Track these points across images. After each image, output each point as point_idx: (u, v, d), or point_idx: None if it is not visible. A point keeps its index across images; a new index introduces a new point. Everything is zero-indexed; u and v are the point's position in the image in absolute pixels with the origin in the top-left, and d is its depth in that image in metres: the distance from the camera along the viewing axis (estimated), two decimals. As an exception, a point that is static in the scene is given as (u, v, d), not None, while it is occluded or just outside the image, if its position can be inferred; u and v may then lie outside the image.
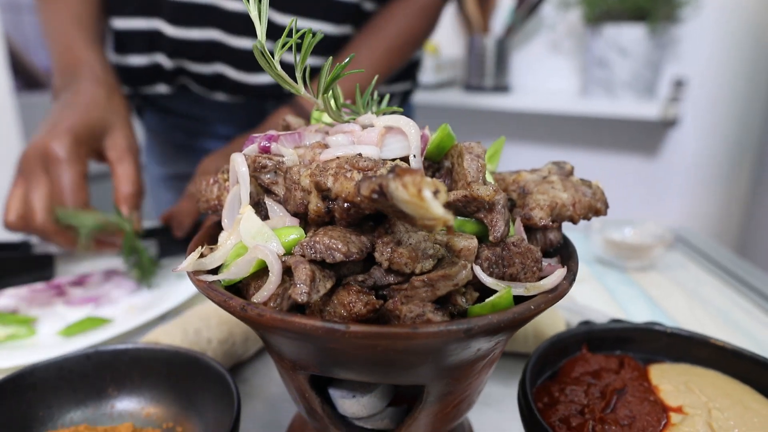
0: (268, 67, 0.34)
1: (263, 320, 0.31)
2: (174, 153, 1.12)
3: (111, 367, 0.49)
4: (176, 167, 1.12)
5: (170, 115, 1.08)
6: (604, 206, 0.42)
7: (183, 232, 0.81)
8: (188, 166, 1.10)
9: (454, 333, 0.30)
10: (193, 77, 0.98)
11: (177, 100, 1.05)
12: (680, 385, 0.46)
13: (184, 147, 1.10)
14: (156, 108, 1.08)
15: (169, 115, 1.08)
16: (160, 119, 1.10)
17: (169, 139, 1.11)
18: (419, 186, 0.26)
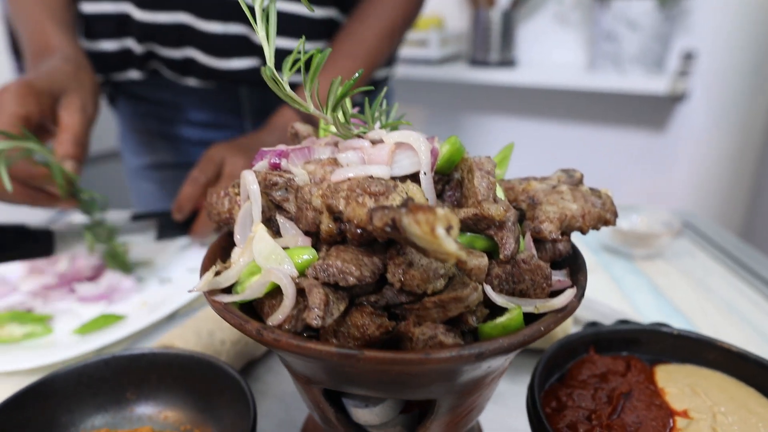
0: (278, 89, 0.34)
1: (279, 345, 0.32)
2: (149, 142, 1.12)
3: (129, 372, 0.50)
4: (152, 156, 1.12)
5: (143, 102, 1.07)
6: (613, 216, 0.42)
7: (183, 216, 0.82)
8: (165, 154, 1.11)
9: (465, 358, 0.31)
10: (164, 62, 0.98)
11: (149, 87, 1.05)
12: (686, 388, 0.46)
13: (159, 134, 1.10)
14: (128, 96, 1.08)
15: (141, 102, 1.08)
16: (133, 107, 1.09)
17: (144, 127, 1.11)
18: (432, 224, 0.26)
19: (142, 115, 1.10)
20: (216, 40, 0.94)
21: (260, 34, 0.33)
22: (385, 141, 0.38)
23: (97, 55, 0.98)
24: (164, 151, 1.12)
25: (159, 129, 1.10)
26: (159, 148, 1.12)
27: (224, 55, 0.96)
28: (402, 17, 0.99)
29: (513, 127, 2.31)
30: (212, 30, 0.93)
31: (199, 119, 1.07)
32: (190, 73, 0.99)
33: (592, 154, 2.19)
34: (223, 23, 0.93)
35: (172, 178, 1.12)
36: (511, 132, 2.31)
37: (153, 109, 1.08)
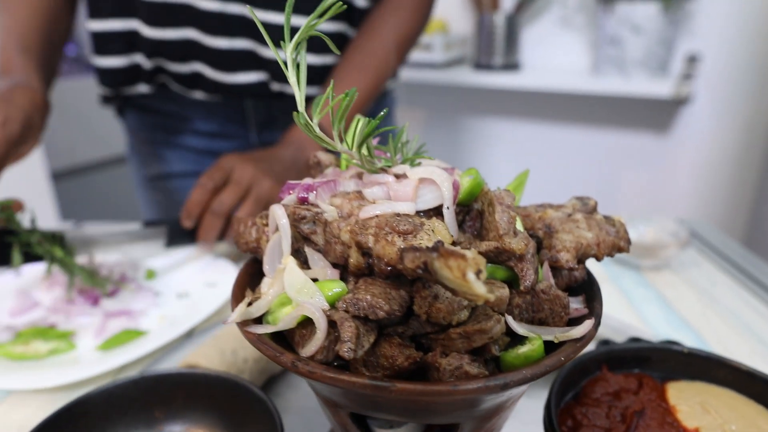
0: (308, 131, 0.36)
1: (314, 377, 0.33)
2: (157, 152, 1.14)
3: (157, 392, 0.52)
4: (160, 167, 1.14)
5: (150, 113, 1.10)
6: (627, 244, 0.44)
7: (191, 222, 0.84)
8: (172, 164, 1.13)
9: (491, 388, 0.33)
10: (172, 76, 1.00)
11: (157, 99, 1.07)
12: (697, 406, 0.48)
13: (166, 145, 1.12)
14: (136, 108, 1.10)
15: (149, 113, 1.10)
16: (140, 118, 1.12)
17: (151, 137, 1.13)
18: (464, 270, 0.28)
19: (149, 126, 1.12)
20: (222, 55, 0.96)
21: (291, 80, 0.34)
22: (409, 176, 0.39)
23: (106, 71, 1.00)
24: (171, 161, 1.13)
25: (166, 139, 1.12)
26: (166, 158, 1.13)
27: (230, 70, 0.98)
28: (410, 30, 1.00)
29: (517, 131, 2.32)
30: (218, 45, 0.95)
31: (206, 129, 1.09)
32: (197, 87, 1.01)
33: (596, 158, 2.20)
34: (229, 38, 0.95)
35: (180, 188, 1.14)
36: (516, 136, 2.33)
37: (160, 120, 1.10)
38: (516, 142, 2.34)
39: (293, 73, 0.34)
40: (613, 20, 1.86)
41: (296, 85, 0.35)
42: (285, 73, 0.34)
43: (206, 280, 0.84)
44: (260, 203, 0.83)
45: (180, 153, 1.12)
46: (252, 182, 0.83)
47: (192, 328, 0.72)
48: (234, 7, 0.93)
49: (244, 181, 0.83)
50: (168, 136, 1.11)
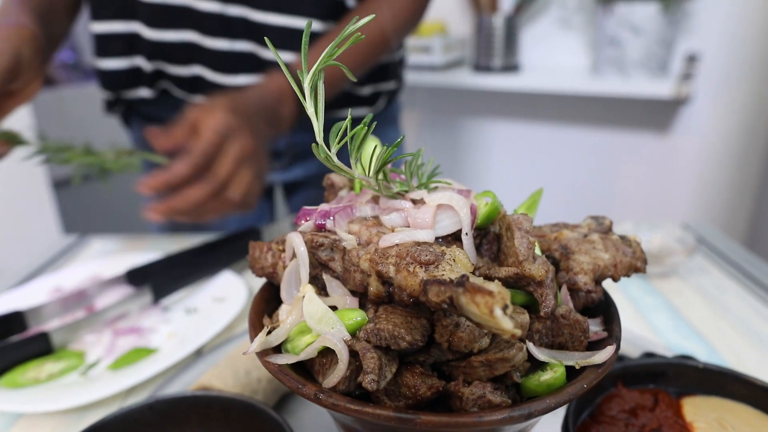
0: (326, 160, 0.36)
1: (338, 409, 0.33)
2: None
3: (171, 415, 0.52)
4: None
5: (154, 122, 1.09)
6: (643, 264, 0.44)
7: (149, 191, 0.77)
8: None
9: (516, 419, 0.32)
10: (173, 80, 1.00)
11: (160, 107, 1.06)
12: (713, 423, 0.48)
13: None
14: (141, 116, 1.10)
15: (153, 122, 1.09)
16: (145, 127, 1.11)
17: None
18: (491, 306, 0.28)
19: None
20: (222, 56, 0.96)
21: (309, 111, 0.34)
22: (427, 201, 0.39)
23: (107, 73, 1.00)
24: None
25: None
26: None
27: (231, 72, 0.97)
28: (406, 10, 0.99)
29: (517, 132, 2.32)
30: (218, 47, 0.95)
31: None
32: (198, 90, 1.01)
33: (596, 159, 2.20)
34: (229, 40, 0.95)
35: None
36: (516, 137, 2.32)
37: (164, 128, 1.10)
38: (516, 144, 2.34)
39: (311, 103, 0.34)
40: (613, 21, 1.86)
41: (314, 116, 0.34)
42: (302, 103, 0.34)
43: (214, 295, 0.84)
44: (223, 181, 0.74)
45: None
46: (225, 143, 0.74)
47: (202, 345, 0.72)
48: (234, 9, 0.92)
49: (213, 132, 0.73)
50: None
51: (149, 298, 0.79)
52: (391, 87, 1.15)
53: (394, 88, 1.17)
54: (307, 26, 0.34)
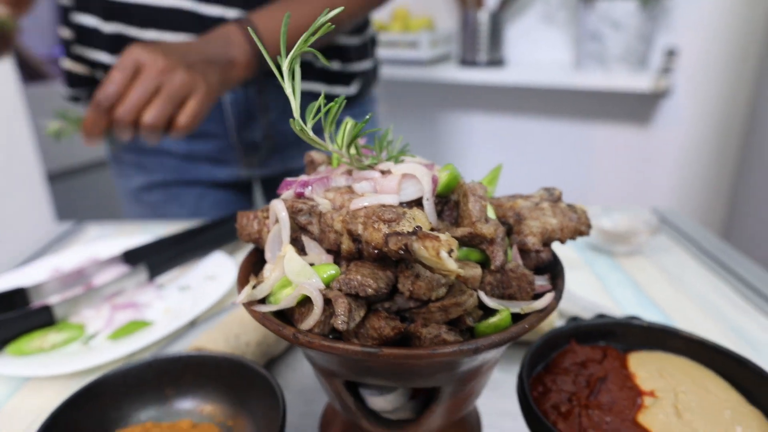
0: (301, 132, 0.41)
1: (313, 345, 0.39)
2: (136, 162, 1.14)
3: (168, 373, 0.57)
4: (140, 178, 1.15)
5: None
6: (587, 228, 0.49)
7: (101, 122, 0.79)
8: (152, 174, 1.13)
9: (465, 352, 0.38)
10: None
11: None
12: (653, 372, 0.54)
13: (145, 152, 1.12)
14: None
15: None
16: None
17: (130, 145, 1.12)
18: (438, 249, 0.33)
19: None
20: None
21: (288, 91, 0.39)
22: (393, 172, 0.45)
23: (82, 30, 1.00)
24: (152, 170, 1.13)
25: (145, 145, 1.10)
26: (147, 166, 1.13)
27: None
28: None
29: (502, 126, 2.38)
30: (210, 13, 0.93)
31: None
32: None
33: (579, 151, 2.27)
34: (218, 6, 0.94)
35: (162, 200, 1.15)
36: (501, 130, 2.38)
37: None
38: (501, 137, 2.40)
39: (289, 84, 0.39)
40: (594, 16, 1.92)
41: (292, 96, 0.40)
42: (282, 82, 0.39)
43: (206, 273, 0.89)
44: (173, 100, 0.77)
45: (160, 160, 1.12)
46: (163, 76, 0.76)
47: (195, 318, 0.77)
48: None
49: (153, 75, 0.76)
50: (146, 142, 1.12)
51: (145, 276, 0.84)
52: (366, 66, 1.15)
53: (369, 68, 1.17)
54: (286, 17, 0.40)
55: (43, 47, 2.79)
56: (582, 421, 0.48)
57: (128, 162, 1.15)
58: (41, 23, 2.82)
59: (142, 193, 1.17)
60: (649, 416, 0.49)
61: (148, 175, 1.14)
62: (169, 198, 1.16)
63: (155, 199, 1.16)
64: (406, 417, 0.50)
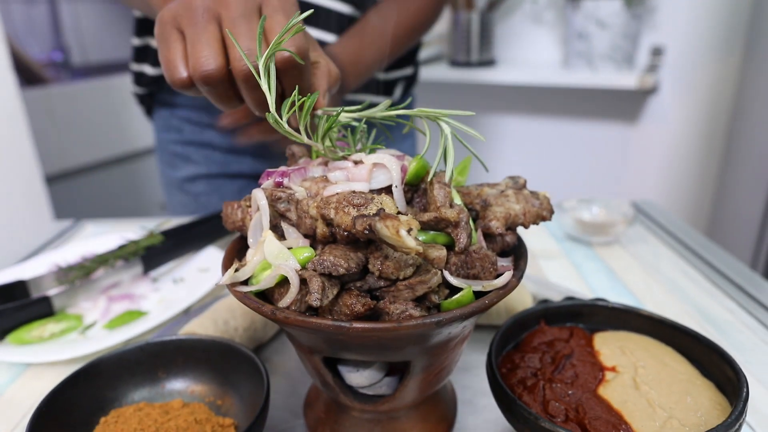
0: (278, 126, 0.45)
1: (289, 321, 0.42)
2: (182, 154, 1.19)
3: (160, 356, 0.61)
4: (188, 169, 1.19)
5: (177, 108, 1.14)
6: (549, 213, 0.53)
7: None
8: (198, 166, 1.17)
9: (428, 325, 0.41)
10: None
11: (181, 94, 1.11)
12: (616, 350, 0.57)
13: (192, 144, 1.17)
14: (163, 104, 1.15)
15: (176, 108, 1.14)
16: (168, 116, 1.16)
17: (179, 137, 1.17)
18: (397, 227, 0.37)
19: (176, 125, 1.15)
20: None
21: (264, 87, 0.43)
22: (365, 162, 0.48)
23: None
24: (198, 163, 1.17)
25: (193, 137, 1.15)
26: (192, 159, 1.17)
27: None
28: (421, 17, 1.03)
29: (494, 124, 2.41)
30: None
31: None
32: None
33: (567, 148, 2.30)
34: None
35: (205, 191, 1.19)
36: (492, 128, 2.42)
37: (186, 114, 1.14)
38: (491, 135, 2.43)
39: (265, 80, 0.43)
40: (580, 16, 1.96)
41: (267, 91, 0.43)
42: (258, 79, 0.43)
43: (199, 266, 0.92)
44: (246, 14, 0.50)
45: (206, 153, 1.16)
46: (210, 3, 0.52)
47: (188, 307, 0.80)
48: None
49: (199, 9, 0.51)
50: (193, 134, 1.14)
51: (140, 269, 0.88)
52: (407, 73, 1.19)
53: (411, 74, 1.20)
54: (262, 20, 0.43)
55: (41, 51, 2.83)
56: (546, 393, 0.52)
57: (177, 153, 1.19)
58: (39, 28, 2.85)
59: (186, 183, 1.20)
60: (609, 389, 0.52)
61: (194, 167, 1.18)
62: (212, 189, 1.19)
63: (199, 190, 1.20)
64: (382, 392, 0.53)
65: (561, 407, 0.49)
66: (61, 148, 2.38)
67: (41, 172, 1.91)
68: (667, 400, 0.50)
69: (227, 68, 0.47)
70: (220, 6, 0.49)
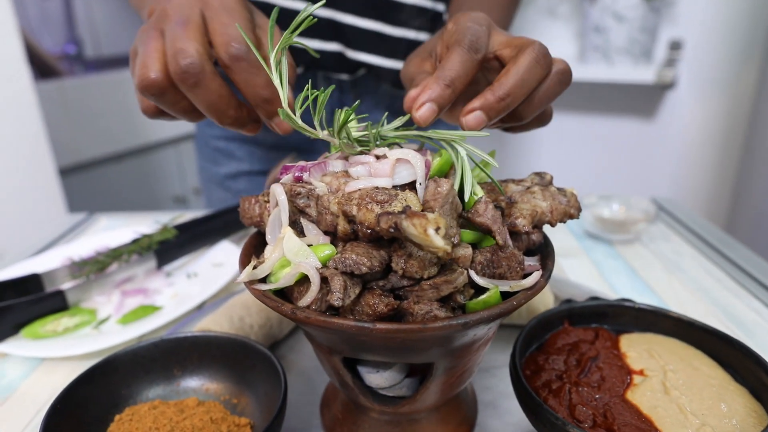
0: (291, 121, 0.43)
1: (310, 321, 0.41)
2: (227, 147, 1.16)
3: (175, 353, 0.60)
4: (231, 165, 1.16)
5: None
6: (577, 211, 0.51)
7: None
8: (240, 163, 1.15)
9: (454, 327, 0.40)
10: None
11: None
12: (643, 352, 0.55)
13: (237, 140, 1.13)
14: None
15: None
16: None
17: (222, 132, 1.14)
18: (425, 227, 0.35)
19: None
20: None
21: (275, 81, 0.41)
22: (388, 156, 0.47)
23: None
24: (241, 159, 1.15)
25: (235, 134, 1.12)
26: (236, 155, 1.15)
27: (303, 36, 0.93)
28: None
29: (508, 119, 2.38)
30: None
31: None
32: None
33: (584, 143, 2.27)
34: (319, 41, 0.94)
35: (246, 189, 1.17)
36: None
37: None
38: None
39: (276, 75, 0.41)
40: (597, 9, 1.92)
41: (279, 86, 0.42)
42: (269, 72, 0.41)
43: (213, 261, 0.91)
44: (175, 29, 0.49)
45: (249, 149, 1.14)
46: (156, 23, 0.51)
47: (202, 302, 0.79)
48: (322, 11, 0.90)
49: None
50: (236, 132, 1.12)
51: (154, 264, 0.87)
52: None
53: None
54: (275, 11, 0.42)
55: (55, 44, 2.83)
56: (572, 397, 0.50)
57: (219, 149, 1.17)
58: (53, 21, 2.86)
59: (228, 180, 1.19)
60: (638, 393, 0.50)
61: (237, 163, 1.16)
62: (253, 187, 1.18)
63: (240, 187, 1.18)
64: (402, 394, 0.52)
65: (588, 412, 0.48)
66: (75, 140, 2.38)
67: (55, 164, 1.91)
68: (699, 407, 0.48)
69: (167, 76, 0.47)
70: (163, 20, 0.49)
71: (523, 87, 0.51)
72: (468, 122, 0.49)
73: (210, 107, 0.49)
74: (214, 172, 1.19)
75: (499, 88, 0.50)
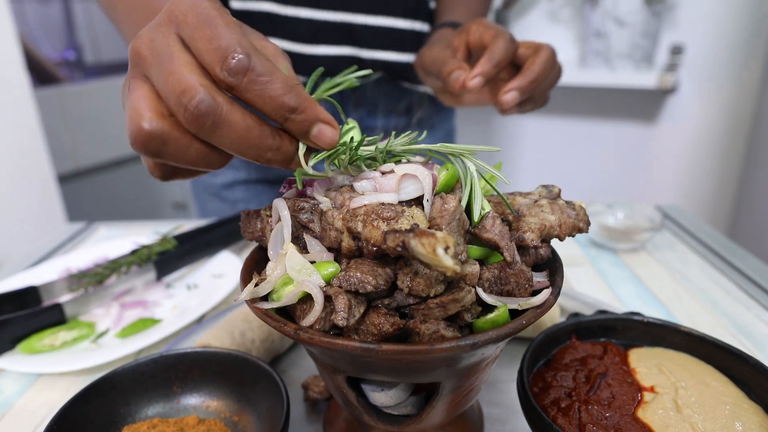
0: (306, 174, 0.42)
1: (313, 342, 0.40)
2: None
3: (175, 369, 0.58)
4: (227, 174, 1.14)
5: None
6: (586, 225, 0.50)
7: None
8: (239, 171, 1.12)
9: (462, 347, 0.39)
10: None
11: None
12: (653, 368, 0.54)
13: None
14: None
15: None
16: None
17: None
18: (434, 246, 0.34)
19: None
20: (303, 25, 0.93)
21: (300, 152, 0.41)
22: (395, 171, 0.45)
23: None
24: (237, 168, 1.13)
25: None
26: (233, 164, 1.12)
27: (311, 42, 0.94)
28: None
29: (509, 124, 2.38)
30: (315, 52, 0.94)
31: None
32: None
33: (585, 148, 2.26)
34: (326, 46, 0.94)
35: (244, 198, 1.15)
36: (508, 129, 2.38)
37: None
38: (508, 135, 2.40)
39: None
40: (598, 14, 1.91)
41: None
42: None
43: (213, 272, 0.90)
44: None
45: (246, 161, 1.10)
46: None
47: (202, 315, 0.78)
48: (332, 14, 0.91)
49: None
50: None
51: (153, 275, 0.86)
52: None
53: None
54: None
55: (54, 50, 2.83)
56: (582, 416, 0.49)
57: None
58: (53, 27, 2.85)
59: (224, 189, 1.16)
60: (649, 411, 0.49)
61: (233, 172, 1.14)
62: (250, 196, 1.16)
63: (237, 197, 1.16)
64: (407, 413, 0.50)
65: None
66: (74, 147, 2.37)
67: (54, 172, 1.90)
68: (713, 426, 0.46)
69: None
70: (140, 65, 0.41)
71: (544, 75, 0.71)
72: (507, 99, 0.70)
73: (241, 144, 0.39)
74: (209, 181, 1.17)
75: (529, 74, 0.70)
